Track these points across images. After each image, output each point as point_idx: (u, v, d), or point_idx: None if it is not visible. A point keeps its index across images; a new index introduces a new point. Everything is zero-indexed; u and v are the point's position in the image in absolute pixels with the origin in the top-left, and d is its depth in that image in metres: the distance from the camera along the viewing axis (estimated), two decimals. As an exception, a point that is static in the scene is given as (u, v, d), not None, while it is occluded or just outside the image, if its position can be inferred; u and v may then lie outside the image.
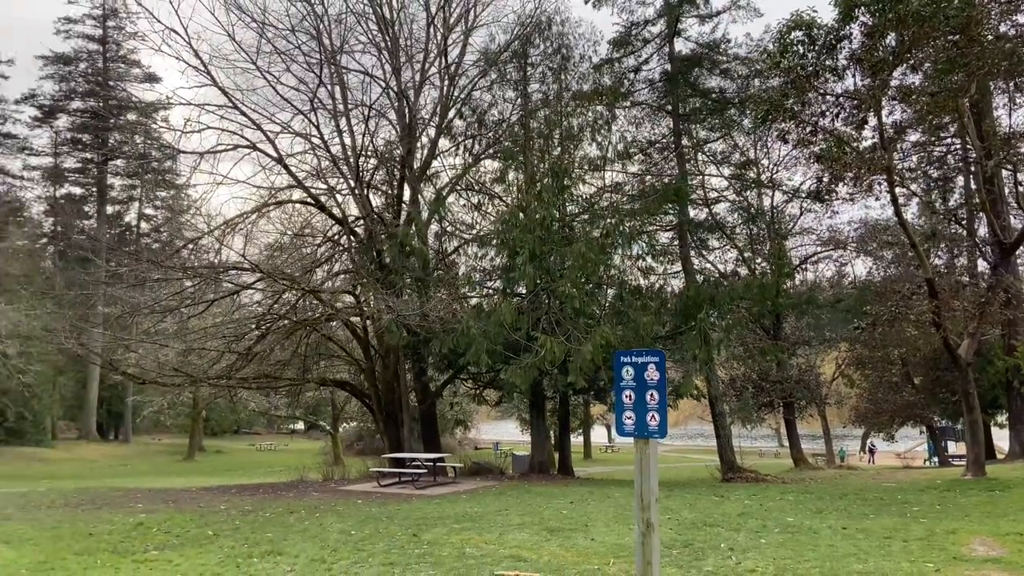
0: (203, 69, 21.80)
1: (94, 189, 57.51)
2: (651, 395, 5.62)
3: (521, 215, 20.03)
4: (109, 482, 24.36)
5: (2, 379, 39.60)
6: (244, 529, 11.08)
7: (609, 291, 21.21)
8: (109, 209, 57.84)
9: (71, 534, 10.72)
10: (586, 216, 21.00)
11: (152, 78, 57.21)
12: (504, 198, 22.91)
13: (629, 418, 5.69)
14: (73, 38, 56.03)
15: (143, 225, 59.36)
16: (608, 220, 19.86)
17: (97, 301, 25.51)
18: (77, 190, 58.87)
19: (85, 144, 56.93)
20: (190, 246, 25.71)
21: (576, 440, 45.95)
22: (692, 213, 25.66)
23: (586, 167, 21.39)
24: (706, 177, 28.42)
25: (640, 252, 20.93)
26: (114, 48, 56.79)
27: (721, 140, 27.61)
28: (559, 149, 20.92)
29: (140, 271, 24.17)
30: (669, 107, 24.59)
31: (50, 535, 10.64)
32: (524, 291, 20.26)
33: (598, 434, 61.50)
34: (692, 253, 24.51)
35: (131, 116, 53.65)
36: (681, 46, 24.97)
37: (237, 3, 21.71)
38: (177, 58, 21.78)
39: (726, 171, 29.37)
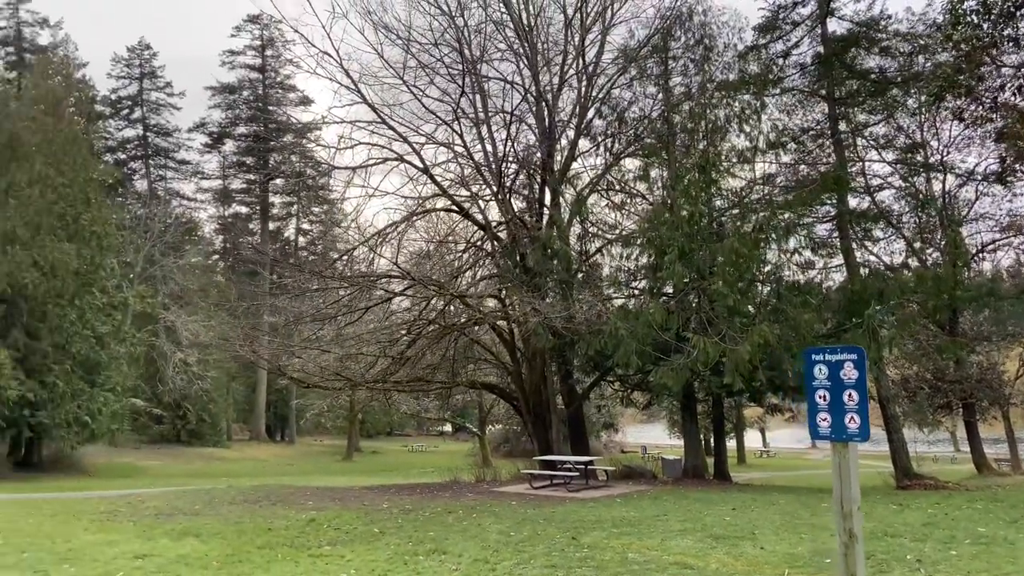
0: (354, 88, 22.83)
1: (258, 207, 61.86)
2: (849, 395, 5.22)
3: (667, 212, 19.51)
4: (279, 480, 25.91)
5: (184, 385, 43.24)
6: (407, 527, 11.37)
7: (764, 288, 20.24)
8: (271, 225, 62.00)
9: (252, 529, 11.40)
10: (736, 210, 20.16)
11: (306, 100, 60.81)
12: (647, 196, 22.43)
13: (824, 420, 5.31)
14: (236, 68, 60.58)
15: (301, 239, 63.15)
16: (761, 214, 18.96)
17: (264, 311, 27.31)
18: (243, 209, 63.57)
19: (249, 166, 61.32)
20: (344, 257, 26.97)
21: (728, 444, 44.38)
22: (853, 202, 24.01)
23: (734, 159, 20.53)
24: (867, 163, 26.53)
25: (797, 246, 19.84)
26: (272, 75, 60.85)
27: (883, 123, 25.65)
28: (704, 142, 20.21)
29: (301, 282, 25.63)
30: (823, 91, 23.18)
31: (234, 529, 11.37)
32: (672, 290, 19.71)
33: (751, 438, 59.10)
34: (854, 245, 22.94)
35: (289, 137, 57.33)
36: (835, 26, 23.51)
37: (384, 22, 22.60)
38: (330, 79, 22.89)
39: (889, 156, 27.28)
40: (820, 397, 5.33)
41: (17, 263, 25.67)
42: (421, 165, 23.29)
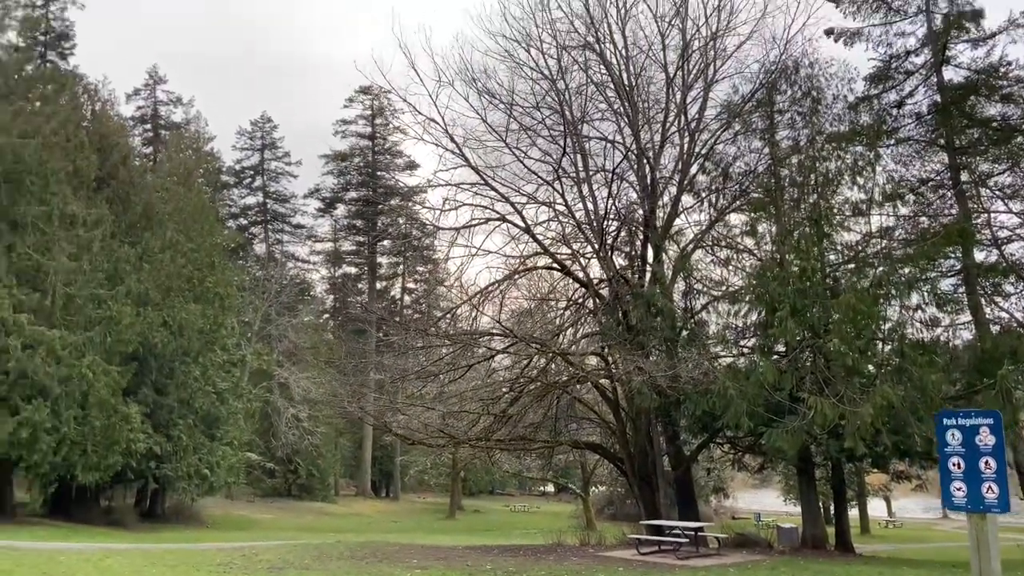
0: (458, 152, 23.54)
1: (366, 268, 64.20)
2: (985, 462, 4.80)
3: (777, 267, 18.91)
4: (384, 537, 26.10)
5: (296, 440, 44.65)
6: (511, 591, 11.16)
7: (885, 346, 19.15)
8: (378, 285, 64.09)
9: (358, 586, 11.46)
10: (852, 265, 19.32)
11: (413, 165, 63.22)
12: (755, 251, 21.84)
13: (959, 489, 4.89)
14: (348, 137, 63.81)
15: (406, 298, 64.87)
16: (879, 268, 18.09)
17: (371, 368, 28.02)
18: (352, 269, 66.12)
19: (359, 228, 63.94)
20: (448, 316, 27.43)
21: (850, 513, 41.66)
22: (979, 256, 22.60)
23: (848, 212, 19.77)
24: (993, 215, 25.01)
25: (920, 302, 18.73)
26: (381, 142, 63.71)
27: (1008, 172, 24.20)
28: (815, 195, 19.60)
29: (406, 340, 26.19)
30: (942, 141, 22.18)
31: (341, 585, 11.46)
32: (784, 349, 18.94)
33: (875, 507, 55.30)
34: (983, 301, 21.50)
35: (396, 200, 59.52)
36: (951, 74, 22.61)
37: (487, 88, 23.28)
38: (436, 144, 23.69)
39: (1017, 206, 25.64)
40: (954, 464, 4.92)
41: (149, 323, 27.45)
42: (523, 224, 23.60)
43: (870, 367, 18.23)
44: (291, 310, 50.16)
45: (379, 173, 63.57)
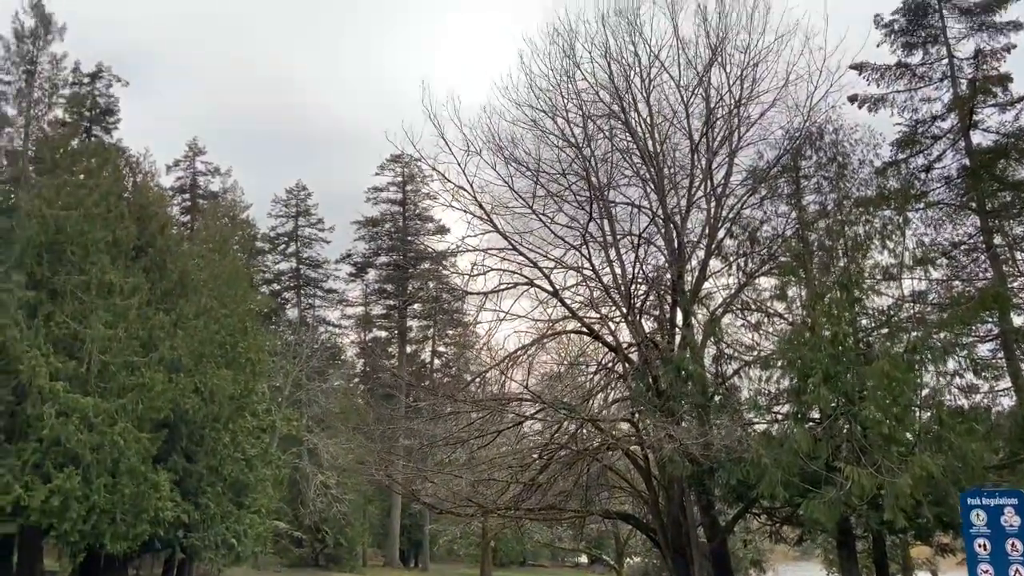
0: (486, 218, 23.84)
1: (396, 332, 64.57)
2: (1012, 544, 4.62)
3: (807, 332, 18.65)
4: (410, 610, 25.49)
5: (324, 508, 44.26)
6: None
7: (923, 414, 18.65)
8: (408, 349, 64.29)
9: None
10: (885, 330, 18.99)
11: (443, 230, 64.06)
12: (786, 316, 21.59)
13: (986, 572, 4.70)
14: (379, 203, 65.07)
15: (436, 362, 64.91)
16: (913, 333, 17.76)
17: (399, 434, 27.90)
18: (383, 333, 66.52)
19: (389, 292, 64.59)
20: (476, 380, 27.37)
21: (894, 587, 39.85)
22: (1017, 320, 22.11)
23: (878, 276, 19.55)
24: (1029, 278, 24.60)
25: (957, 368, 18.29)
26: (412, 207, 64.83)
27: (1044, 235, 23.92)
28: (844, 260, 19.44)
29: (435, 405, 26.11)
30: (973, 204, 22.01)
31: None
32: (819, 416, 18.52)
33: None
34: (1023, 367, 20.95)
35: (426, 265, 60.21)
36: (979, 138, 22.60)
37: (514, 156, 23.70)
38: (464, 211, 24.05)
39: (1053, 268, 25.21)
40: (980, 546, 4.75)
41: (181, 390, 27.75)
42: (551, 289, 23.66)
43: (908, 435, 17.73)
44: (321, 375, 50.40)
45: (409, 238, 64.49)
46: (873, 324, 19.53)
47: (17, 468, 23.68)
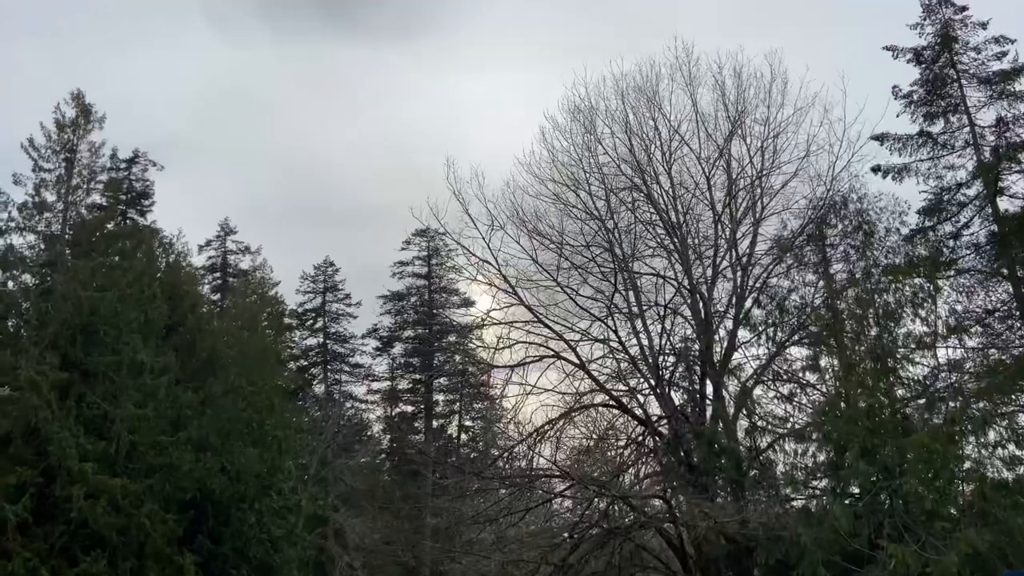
0: (511, 291, 23.99)
1: (422, 406, 64.17)
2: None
3: (842, 404, 18.28)
4: None
5: (348, 591, 43.21)
6: None
7: (966, 487, 18.00)
8: (434, 423, 63.77)
9: None
10: (922, 401, 18.55)
11: (468, 303, 64.25)
12: (819, 387, 21.21)
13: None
14: (405, 277, 65.68)
15: (462, 437, 64.23)
16: (951, 404, 17.33)
17: (426, 512, 27.46)
18: (409, 408, 66.12)
19: (415, 366, 64.49)
20: (505, 455, 26.99)
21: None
22: (1061, 388, 21.52)
23: (912, 346, 19.22)
24: (1071, 343, 24.03)
25: (998, 439, 17.73)
26: (437, 281, 65.32)
27: (1079, 301, 23.45)
28: (876, 329, 19.18)
29: (462, 482, 25.72)
30: (1004, 271, 21.75)
31: None
32: (858, 491, 17.95)
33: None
34: (1069, 436, 20.24)
35: (451, 338, 60.30)
36: (1007, 204, 22.54)
37: (538, 230, 23.98)
38: (489, 284, 24.25)
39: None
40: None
41: (208, 469, 27.66)
42: (577, 361, 23.54)
43: (952, 510, 17.10)
44: (348, 451, 50.01)
45: (435, 311, 64.75)
46: (909, 395, 19.10)
47: (45, 552, 23.54)
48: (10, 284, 26.82)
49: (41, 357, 24.81)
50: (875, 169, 22.86)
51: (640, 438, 23.90)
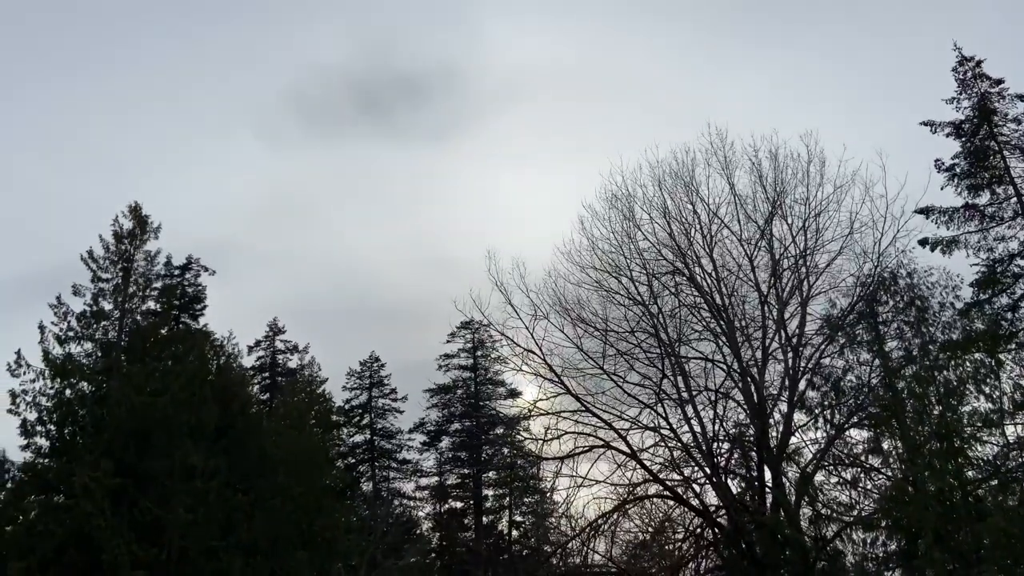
0: (557, 380, 23.79)
1: (471, 502, 62.89)
2: None
3: (910, 488, 17.43)
4: None
5: None
6: None
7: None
8: (484, 519, 62.31)
9: None
10: (994, 482, 17.61)
11: (514, 393, 63.72)
12: (883, 470, 20.32)
13: None
14: (451, 370, 65.65)
15: (513, 533, 62.54)
16: (1026, 484, 16.42)
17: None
18: (458, 504, 64.85)
19: (463, 460, 63.64)
20: (558, 552, 26.12)
21: None
22: None
23: (978, 424, 18.39)
24: None
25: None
26: (483, 372, 65.19)
27: None
28: (939, 408, 18.45)
29: (515, 583, 24.86)
30: (1068, 340, 20.95)
31: None
32: (936, 581, 16.90)
33: None
34: None
35: (499, 430, 59.59)
36: (1062, 272, 21.89)
37: (582, 317, 23.95)
38: (535, 374, 24.10)
39: None
40: None
41: (257, 573, 27.25)
42: (628, 450, 23.01)
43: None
44: (397, 551, 48.99)
45: (482, 403, 64.35)
46: (980, 476, 18.17)
47: (96, 666, 23.26)
48: (67, 392, 27.39)
49: (96, 464, 25.08)
50: (923, 242, 22.55)
51: (698, 530, 22.99)
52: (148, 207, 30.90)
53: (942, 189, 23.83)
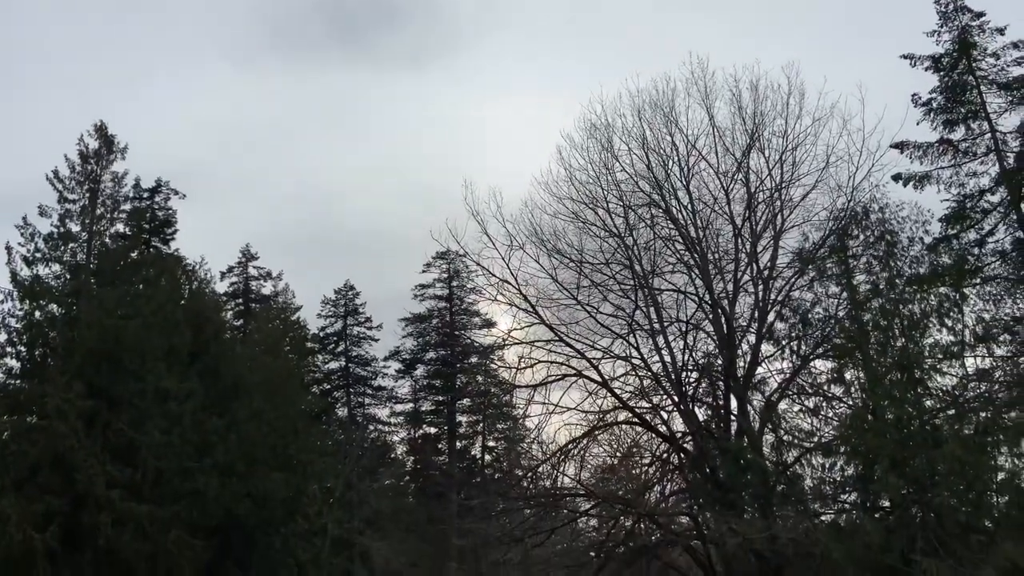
0: (532, 310, 23.97)
1: (445, 427, 64.04)
2: None
3: (870, 416, 18.00)
4: None
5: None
6: None
7: (1001, 499, 17.61)
8: (458, 444, 63.58)
9: None
10: (952, 411, 18.21)
11: (489, 323, 64.16)
12: (845, 399, 20.90)
13: None
14: (426, 300, 65.82)
15: (486, 457, 63.96)
16: (982, 414, 17.01)
17: (452, 534, 27.37)
18: (432, 430, 66.01)
19: (437, 388, 64.48)
20: (529, 475, 26.83)
21: None
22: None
23: (939, 356, 18.90)
24: (1101, 349, 23.52)
25: (1033, 449, 17.35)
26: (458, 303, 65.43)
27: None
28: (902, 340, 18.90)
29: (487, 503, 25.62)
30: (1031, 276, 21.42)
31: None
32: (889, 504, 17.63)
33: None
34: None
35: (473, 359, 60.29)
36: (1031, 209, 22.19)
37: (557, 248, 23.99)
38: (509, 304, 24.23)
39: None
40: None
41: (233, 495, 27.71)
42: (599, 379, 23.40)
43: (987, 523, 16.72)
44: (372, 474, 49.96)
45: (456, 333, 64.81)
46: (938, 405, 18.77)
47: (72, 581, 23.72)
48: (37, 314, 27.13)
49: (67, 386, 25.07)
50: (896, 177, 22.66)
51: (665, 455, 23.69)
52: (114, 129, 30.08)
53: (918, 124, 23.82)
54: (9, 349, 26.71)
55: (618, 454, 26.32)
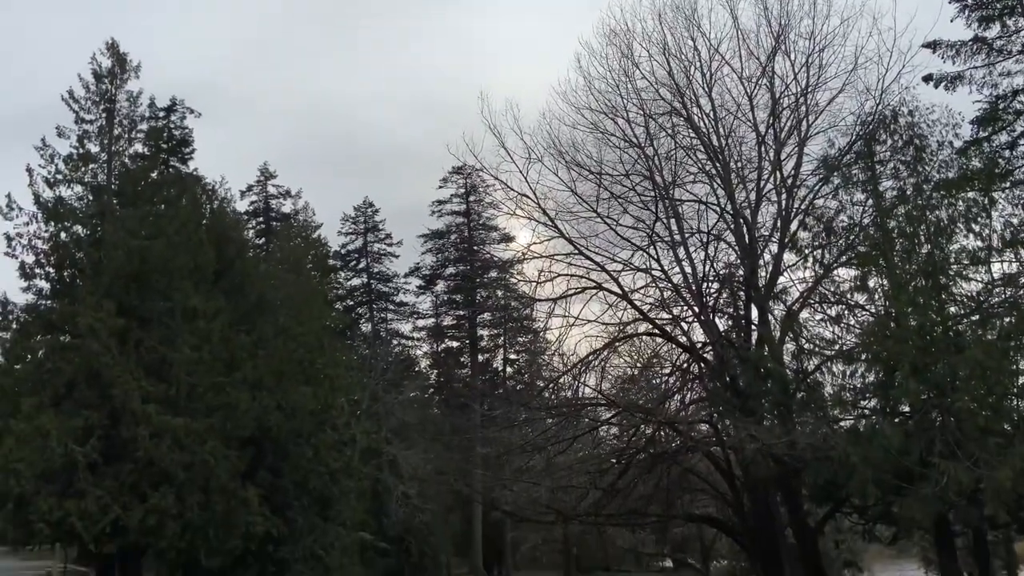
0: (551, 224, 23.88)
1: (467, 341, 64.97)
2: None
3: (892, 324, 17.98)
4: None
5: (406, 518, 44.82)
6: None
7: (1020, 403, 17.73)
8: (480, 358, 64.60)
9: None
10: (975, 317, 18.14)
11: (508, 238, 64.05)
12: (867, 307, 20.85)
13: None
14: (444, 216, 65.67)
15: (508, 370, 65.04)
16: (1006, 319, 16.92)
17: (476, 443, 28.10)
18: (454, 344, 67.02)
19: (458, 303, 65.08)
20: (550, 386, 27.31)
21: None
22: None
23: (965, 261, 18.68)
24: None
25: (1055, 353, 17.34)
26: (476, 218, 65.20)
27: None
28: (928, 246, 18.66)
29: (509, 413, 26.20)
30: (1063, 179, 20.87)
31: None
32: (909, 409, 17.81)
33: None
34: None
35: (493, 274, 60.49)
36: (1066, 109, 21.40)
37: (576, 160, 23.66)
38: (528, 218, 24.14)
39: None
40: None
41: (264, 408, 28.54)
42: (620, 291, 23.48)
43: (1006, 426, 16.89)
44: (397, 387, 51.12)
45: (475, 248, 64.88)
46: (962, 311, 18.69)
47: (115, 489, 24.74)
48: (63, 235, 27.43)
49: (98, 305, 25.53)
50: (927, 78, 21.79)
51: (685, 365, 23.93)
52: (125, 46, 29.60)
53: (952, 21, 22.64)
54: (38, 271, 27.12)
55: (638, 365, 26.61)
